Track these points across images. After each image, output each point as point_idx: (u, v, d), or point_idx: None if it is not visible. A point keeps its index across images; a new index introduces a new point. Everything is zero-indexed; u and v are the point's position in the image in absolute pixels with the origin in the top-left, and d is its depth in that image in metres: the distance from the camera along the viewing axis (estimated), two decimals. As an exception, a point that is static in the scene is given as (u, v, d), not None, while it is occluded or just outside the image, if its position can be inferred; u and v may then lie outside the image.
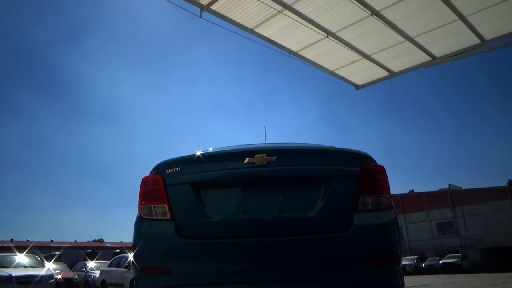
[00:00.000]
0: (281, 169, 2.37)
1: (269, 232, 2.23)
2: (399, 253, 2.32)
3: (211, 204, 2.36)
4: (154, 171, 2.51)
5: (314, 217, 2.25)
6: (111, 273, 15.16)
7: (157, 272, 2.27)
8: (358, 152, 2.49)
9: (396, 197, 44.90)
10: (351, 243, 2.19)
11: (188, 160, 2.48)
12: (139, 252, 2.36)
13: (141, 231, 2.40)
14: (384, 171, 2.45)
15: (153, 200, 2.42)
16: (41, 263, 13.48)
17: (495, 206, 40.40)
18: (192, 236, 2.28)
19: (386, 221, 2.31)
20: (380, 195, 2.36)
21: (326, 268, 2.16)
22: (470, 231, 41.63)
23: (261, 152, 2.39)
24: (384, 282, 2.20)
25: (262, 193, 2.37)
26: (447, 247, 42.68)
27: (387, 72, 8.55)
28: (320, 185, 2.35)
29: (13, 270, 11.67)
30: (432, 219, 44.91)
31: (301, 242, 2.19)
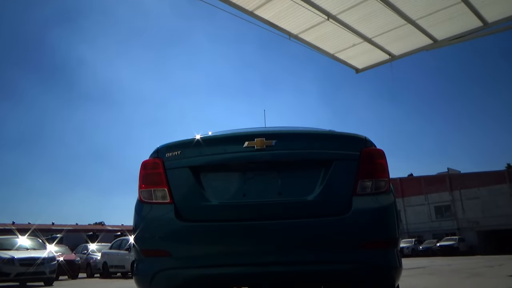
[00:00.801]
0: (281, 153, 2.37)
1: (268, 216, 2.24)
2: (397, 236, 2.34)
3: (210, 187, 2.37)
4: (154, 154, 2.51)
5: (313, 200, 2.27)
6: (112, 255, 15.37)
7: (158, 254, 2.29)
8: (357, 136, 2.49)
9: (395, 181, 45.16)
10: (350, 226, 2.21)
11: (188, 144, 2.49)
12: (140, 235, 2.39)
13: (142, 214, 2.42)
14: (383, 155, 2.45)
15: (153, 184, 2.43)
16: (43, 245, 13.62)
17: (493, 189, 40.71)
18: (192, 219, 2.30)
19: (384, 205, 2.33)
20: (379, 179, 2.37)
21: (325, 251, 2.19)
22: (468, 214, 42.04)
23: (260, 136, 2.39)
24: (382, 264, 2.23)
25: (262, 177, 2.38)
26: (445, 230, 43.16)
27: (388, 55, 8.47)
28: (320, 168, 2.35)
29: (15, 252, 11.79)
30: (430, 202, 45.30)
31: (300, 225, 2.21)
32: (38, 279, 11.74)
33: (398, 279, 2.33)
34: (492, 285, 6.06)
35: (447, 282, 6.86)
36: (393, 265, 2.27)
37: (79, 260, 16.48)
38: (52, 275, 11.94)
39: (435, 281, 7.22)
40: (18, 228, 24.24)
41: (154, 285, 2.28)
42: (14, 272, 11.13)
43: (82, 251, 19.14)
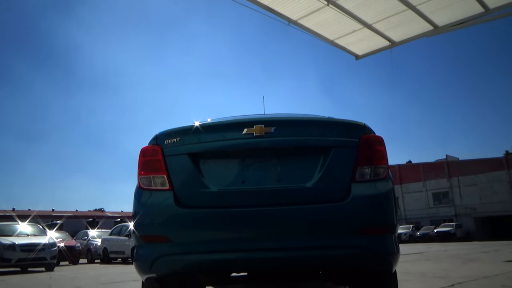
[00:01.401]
0: (280, 139, 2.37)
1: (267, 202, 2.25)
2: (395, 222, 2.36)
3: (209, 174, 2.37)
4: (153, 141, 2.51)
5: (312, 187, 2.28)
6: (112, 241, 15.50)
7: (157, 240, 2.31)
8: (356, 123, 2.49)
9: (393, 168, 45.33)
10: (349, 212, 2.23)
11: (187, 130, 2.48)
12: (140, 221, 2.40)
13: (141, 201, 2.43)
14: (382, 142, 2.46)
15: (152, 171, 2.44)
16: (43, 231, 13.71)
17: (491, 176, 40.94)
18: (191, 206, 2.31)
19: (383, 192, 2.34)
20: (378, 166, 2.38)
21: (323, 237, 2.21)
22: (465, 200, 42.35)
23: (260, 122, 2.38)
24: (380, 250, 2.25)
25: (261, 164, 2.39)
26: (442, 216, 43.52)
27: (388, 42, 8.41)
28: (319, 155, 2.36)
29: (16, 238, 11.88)
30: (428, 189, 45.57)
31: (299, 212, 2.22)
32: (39, 264, 11.85)
33: (395, 264, 2.36)
34: (488, 270, 6.14)
35: (443, 267, 6.95)
36: (390, 251, 2.29)
37: (79, 246, 16.62)
38: (53, 261, 12.06)
39: (432, 267, 7.30)
40: (18, 215, 24.36)
41: (154, 270, 2.31)
42: (15, 258, 11.23)
43: (82, 237, 19.27)
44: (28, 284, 7.14)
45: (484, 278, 5.10)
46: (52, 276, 8.99)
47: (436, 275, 5.66)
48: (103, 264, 15.13)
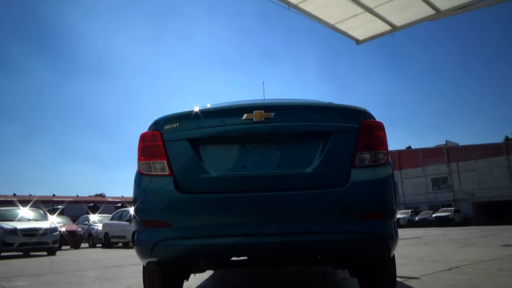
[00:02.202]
0: (280, 125, 2.37)
1: (267, 188, 2.26)
2: (394, 207, 2.37)
3: (209, 160, 2.38)
4: (152, 127, 2.51)
5: (312, 172, 2.28)
6: (113, 226, 15.61)
7: (158, 225, 2.33)
8: (357, 109, 2.48)
9: (393, 153, 45.41)
10: (348, 197, 2.24)
11: (186, 116, 2.47)
12: (140, 207, 2.41)
13: (141, 186, 2.44)
14: (382, 127, 2.45)
15: (152, 156, 2.44)
16: (44, 216, 13.80)
17: (490, 161, 41.04)
18: (191, 191, 2.32)
19: (382, 177, 2.34)
20: (378, 151, 2.38)
21: (323, 222, 2.22)
22: (464, 186, 42.54)
23: (259, 108, 2.37)
24: (379, 235, 2.27)
25: (261, 149, 2.39)
26: (441, 201, 43.80)
27: (389, 26, 8.30)
28: (319, 141, 2.36)
29: (18, 223, 11.96)
30: (427, 174, 45.72)
31: (299, 197, 2.23)
32: (41, 249, 11.96)
33: (394, 248, 2.38)
34: (486, 254, 6.21)
35: (441, 252, 7.02)
36: (389, 235, 2.31)
37: (80, 231, 16.74)
38: (55, 245, 12.17)
39: (430, 251, 7.38)
40: (20, 200, 24.49)
41: (154, 254, 2.33)
42: (17, 242, 11.34)
43: (83, 222, 19.41)
44: (31, 268, 7.23)
45: (481, 262, 5.16)
46: (54, 260, 9.09)
47: (434, 259, 5.73)
48: (105, 248, 15.28)
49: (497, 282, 3.53)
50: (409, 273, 4.26)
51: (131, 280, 4.65)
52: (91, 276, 5.44)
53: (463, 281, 3.67)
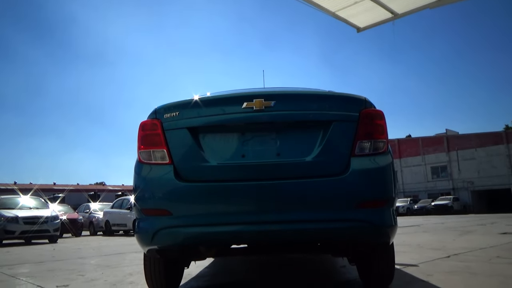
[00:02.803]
0: (280, 114, 2.36)
1: (267, 176, 2.27)
2: (394, 195, 2.38)
3: (209, 148, 2.38)
4: (152, 115, 2.50)
5: (311, 161, 2.28)
6: (114, 214, 15.70)
7: (158, 213, 2.34)
8: (357, 97, 2.47)
9: (392, 142, 45.45)
10: (348, 186, 2.24)
11: (186, 104, 2.47)
12: (140, 195, 2.42)
13: (141, 175, 2.44)
14: (382, 116, 2.44)
15: (152, 145, 2.44)
16: (45, 204, 13.88)
17: (490, 150, 41.10)
18: (191, 180, 2.32)
19: (382, 166, 2.35)
20: (378, 140, 2.38)
21: (322, 210, 2.23)
22: (464, 174, 42.67)
23: (259, 96, 2.37)
24: (378, 223, 2.28)
25: (261, 138, 2.39)
26: (440, 189, 43.98)
27: (391, 13, 8.22)
28: (319, 129, 2.35)
29: (19, 211, 12.03)
30: (427, 163, 45.83)
31: (299, 186, 2.24)
32: (43, 236, 12.06)
33: (393, 236, 2.40)
34: (484, 242, 6.25)
35: (440, 239, 7.07)
36: (388, 224, 2.32)
37: (81, 219, 16.85)
38: (56, 233, 12.26)
39: (428, 238, 7.44)
40: (20, 188, 24.54)
41: (155, 242, 2.34)
42: (19, 230, 11.42)
43: (84, 210, 19.51)
44: (33, 255, 7.29)
45: (479, 249, 5.20)
46: (55, 248, 9.17)
47: (433, 247, 5.77)
48: (106, 236, 15.39)
49: (494, 269, 3.56)
50: (408, 261, 4.30)
51: (132, 268, 4.69)
52: (93, 263, 5.49)
53: (461, 268, 3.71)
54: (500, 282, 2.98)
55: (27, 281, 4.00)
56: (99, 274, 4.31)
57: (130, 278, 3.88)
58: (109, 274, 4.26)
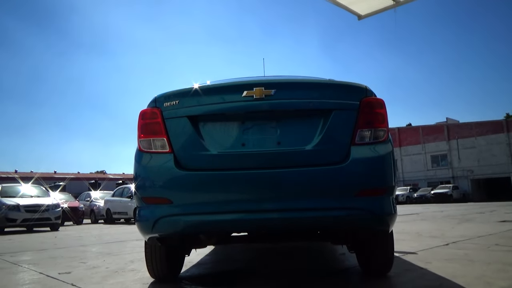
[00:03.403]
0: (280, 102, 2.35)
1: (267, 165, 2.27)
2: (394, 184, 2.39)
3: (209, 137, 2.38)
4: (152, 104, 2.49)
5: (312, 150, 2.28)
6: (115, 202, 15.78)
7: (158, 202, 2.35)
8: (357, 85, 2.46)
9: (393, 130, 45.43)
10: (348, 175, 2.25)
11: (186, 93, 2.46)
12: (141, 183, 2.43)
13: (142, 164, 2.45)
14: (383, 104, 2.44)
15: (152, 134, 2.44)
16: (46, 193, 13.94)
17: (490, 139, 41.10)
18: (191, 168, 2.33)
19: (382, 154, 2.35)
20: (378, 129, 2.38)
21: (322, 198, 2.24)
22: (464, 163, 42.74)
23: (259, 85, 2.36)
24: (378, 211, 2.29)
25: (261, 127, 2.38)
26: (440, 178, 44.10)
27: (392, 1, 8.14)
28: (319, 118, 2.35)
29: (20, 199, 12.09)
30: (427, 151, 45.86)
31: (299, 174, 2.24)
32: (44, 224, 12.14)
33: (392, 224, 2.41)
34: (483, 230, 6.29)
35: (439, 227, 7.12)
36: (388, 212, 2.33)
37: (83, 207, 16.93)
38: (57, 221, 12.33)
39: (427, 226, 7.48)
40: (21, 177, 24.61)
41: (156, 230, 2.36)
42: (20, 218, 11.50)
43: (85, 198, 19.59)
44: (34, 243, 7.35)
45: (478, 237, 5.24)
46: (57, 236, 9.23)
47: (432, 235, 5.81)
48: (107, 224, 15.49)
49: (493, 257, 3.59)
50: (407, 249, 4.33)
51: (133, 255, 4.74)
52: (94, 251, 5.54)
53: (460, 255, 3.74)
54: (498, 269, 3.01)
55: (29, 268, 4.04)
56: (100, 261, 4.35)
57: (131, 266, 3.91)
58: (111, 261, 4.30)
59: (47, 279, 3.37)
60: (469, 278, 2.74)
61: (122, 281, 3.14)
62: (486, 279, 2.70)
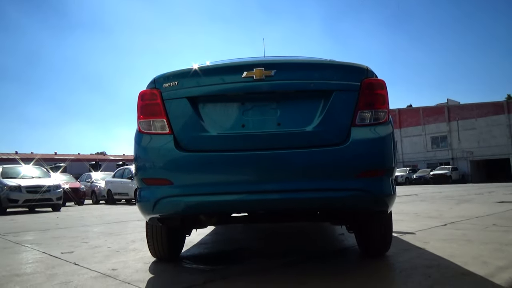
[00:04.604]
0: (280, 83, 2.33)
1: (267, 146, 2.27)
2: (393, 165, 2.39)
3: (209, 118, 2.37)
4: (151, 85, 2.48)
5: (312, 131, 2.28)
6: (115, 183, 15.87)
7: (159, 183, 2.36)
8: (359, 66, 2.43)
9: (393, 111, 45.29)
10: (348, 156, 2.25)
11: (185, 74, 2.44)
12: (141, 165, 2.43)
13: (142, 145, 2.45)
14: (384, 85, 2.42)
15: (152, 115, 2.43)
16: (47, 174, 14.00)
17: (490, 120, 41.02)
18: (191, 150, 2.33)
19: (382, 135, 2.34)
20: (379, 110, 2.36)
21: (322, 179, 2.25)
22: (463, 144, 42.78)
23: (259, 65, 2.33)
24: (377, 192, 2.31)
25: (261, 108, 2.37)
26: (439, 159, 44.22)
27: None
28: (319, 99, 2.34)
29: (21, 180, 12.16)
30: (427, 133, 45.85)
31: (299, 155, 2.24)
32: (46, 205, 12.25)
33: (391, 205, 2.43)
34: (481, 210, 6.35)
35: (437, 208, 7.18)
36: (387, 193, 2.35)
37: (84, 188, 17.04)
38: (59, 202, 12.43)
39: (426, 207, 7.54)
40: (22, 158, 24.68)
41: (156, 211, 2.38)
42: (22, 199, 11.59)
43: (86, 179, 19.69)
44: (37, 223, 7.43)
45: (476, 218, 5.29)
46: (59, 216, 9.32)
47: (430, 215, 5.87)
48: (108, 205, 15.62)
49: (490, 237, 3.63)
50: (405, 229, 4.38)
51: (135, 235, 4.79)
52: (96, 231, 5.60)
53: (457, 235, 3.78)
54: (496, 249, 3.04)
55: (32, 248, 4.09)
56: (102, 241, 4.40)
57: (132, 245, 3.96)
58: (112, 241, 4.35)
59: (50, 258, 3.42)
60: (467, 258, 2.77)
61: (124, 260, 3.18)
62: (483, 258, 2.74)
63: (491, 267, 2.50)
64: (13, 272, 2.88)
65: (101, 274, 2.71)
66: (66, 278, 2.63)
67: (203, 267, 2.84)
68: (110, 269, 2.86)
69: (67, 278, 2.63)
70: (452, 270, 2.47)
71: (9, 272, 2.90)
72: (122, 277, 2.60)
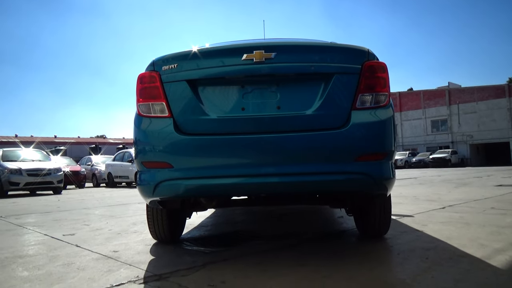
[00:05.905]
0: (280, 66, 2.31)
1: (267, 129, 2.27)
2: (393, 149, 2.40)
3: (209, 101, 2.36)
4: (150, 67, 2.46)
5: (312, 114, 2.27)
6: (116, 166, 15.93)
7: (159, 166, 2.37)
8: (360, 49, 2.41)
9: (394, 95, 45.08)
10: (348, 139, 2.25)
11: (185, 56, 2.41)
12: (141, 148, 2.44)
13: (141, 128, 2.44)
14: (385, 68, 2.40)
15: (151, 98, 2.41)
16: (47, 157, 14.03)
17: (491, 103, 40.88)
18: (191, 133, 2.32)
19: (383, 119, 2.34)
20: (380, 93, 2.35)
21: (322, 163, 2.25)
22: (463, 128, 42.74)
23: (259, 48, 2.31)
24: (377, 175, 2.31)
25: (261, 91, 2.36)
26: (439, 143, 44.26)
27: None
28: (320, 82, 2.32)
29: (22, 163, 12.19)
30: (427, 116, 45.75)
31: (299, 139, 2.24)
32: (47, 188, 12.31)
33: (390, 188, 2.44)
34: (479, 193, 6.39)
35: (436, 191, 7.22)
36: (387, 176, 2.36)
37: (84, 171, 17.10)
38: (60, 185, 12.50)
39: (425, 191, 7.59)
40: (22, 141, 24.67)
41: (157, 194, 2.39)
42: (23, 182, 11.64)
43: (86, 162, 19.74)
44: (38, 206, 7.48)
45: (474, 201, 5.33)
46: (60, 199, 9.39)
47: (429, 199, 5.91)
48: (109, 188, 15.70)
49: (488, 220, 3.66)
50: (404, 212, 4.41)
51: (135, 218, 4.83)
52: (97, 213, 5.64)
53: (455, 218, 3.82)
54: (493, 232, 3.08)
55: (34, 230, 4.13)
56: (104, 223, 4.44)
57: (134, 228, 4.00)
58: (114, 223, 4.39)
59: (52, 240, 3.46)
60: (464, 240, 2.81)
61: (125, 242, 3.22)
62: (480, 241, 2.77)
63: (488, 249, 2.53)
64: (16, 254, 2.92)
65: (102, 255, 2.75)
66: (68, 259, 2.67)
67: (203, 249, 2.87)
68: (112, 251, 2.90)
69: (69, 259, 2.67)
70: (449, 252, 2.50)
71: (12, 253, 2.94)
72: (124, 258, 2.63)
